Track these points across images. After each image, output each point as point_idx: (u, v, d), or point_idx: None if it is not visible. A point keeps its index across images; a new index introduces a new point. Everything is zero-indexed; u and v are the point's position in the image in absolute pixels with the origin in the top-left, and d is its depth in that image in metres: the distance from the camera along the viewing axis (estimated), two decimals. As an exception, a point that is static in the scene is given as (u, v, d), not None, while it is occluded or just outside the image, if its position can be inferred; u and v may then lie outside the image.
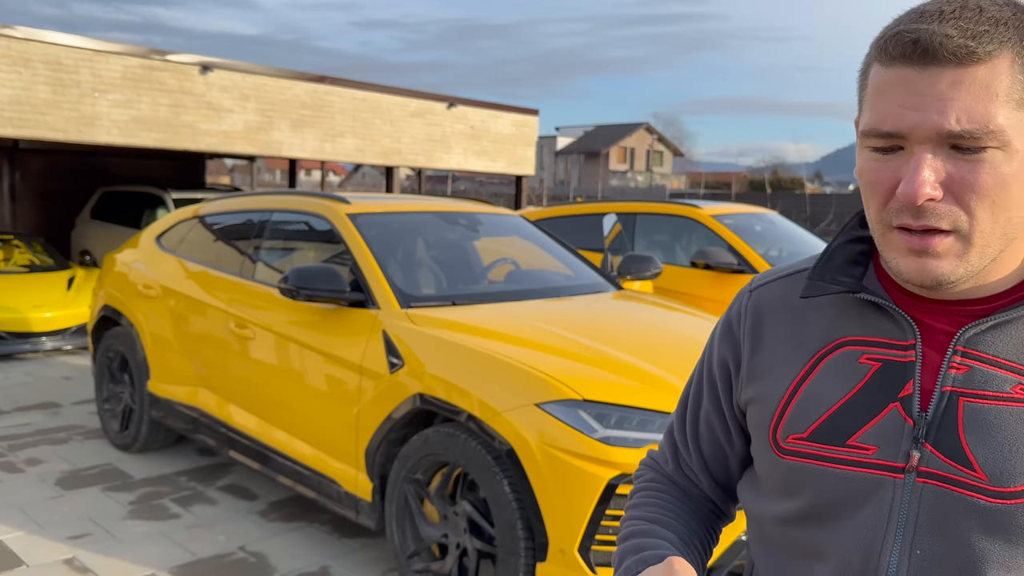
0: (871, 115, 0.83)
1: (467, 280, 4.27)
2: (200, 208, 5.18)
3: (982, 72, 0.78)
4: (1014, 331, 0.85)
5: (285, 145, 11.23)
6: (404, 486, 3.31)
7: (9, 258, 9.10)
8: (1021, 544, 0.82)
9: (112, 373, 5.32)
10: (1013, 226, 0.82)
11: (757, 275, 1.08)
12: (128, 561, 3.65)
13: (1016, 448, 0.82)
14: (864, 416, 0.89)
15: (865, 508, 0.88)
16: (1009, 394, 0.83)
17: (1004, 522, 0.82)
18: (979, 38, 0.78)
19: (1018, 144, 0.79)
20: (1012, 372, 0.84)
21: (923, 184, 0.79)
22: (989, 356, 0.85)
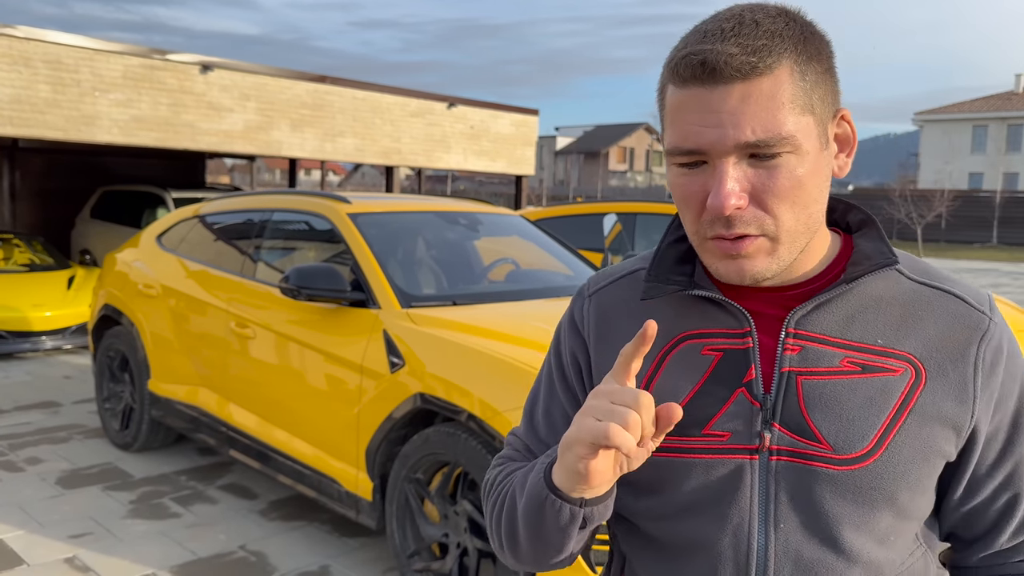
0: (672, 134, 0.89)
1: (467, 280, 4.27)
2: (201, 208, 5.18)
3: (767, 84, 0.84)
4: (834, 309, 0.94)
5: (285, 145, 11.23)
6: (404, 485, 3.31)
7: (9, 257, 9.10)
8: (867, 504, 0.90)
9: (112, 372, 5.32)
10: (814, 219, 0.91)
11: (592, 277, 1.11)
12: (128, 560, 3.65)
13: (853, 416, 0.90)
14: (714, 405, 0.94)
15: (728, 493, 0.92)
16: (839, 367, 0.92)
17: (852, 486, 0.90)
18: (759, 52, 0.84)
19: (807, 146, 0.86)
20: (838, 347, 0.92)
21: (729, 196, 0.85)
22: (817, 335, 0.93)
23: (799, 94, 0.85)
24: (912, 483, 0.91)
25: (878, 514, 0.91)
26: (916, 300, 0.95)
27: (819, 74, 0.88)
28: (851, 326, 0.93)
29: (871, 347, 0.92)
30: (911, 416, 0.91)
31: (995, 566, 1.01)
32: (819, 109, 0.88)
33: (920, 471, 0.91)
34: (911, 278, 0.97)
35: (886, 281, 0.96)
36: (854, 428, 0.90)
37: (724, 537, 0.93)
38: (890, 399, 0.91)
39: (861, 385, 0.91)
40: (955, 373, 0.92)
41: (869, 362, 0.92)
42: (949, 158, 46.55)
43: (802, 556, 0.91)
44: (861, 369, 0.92)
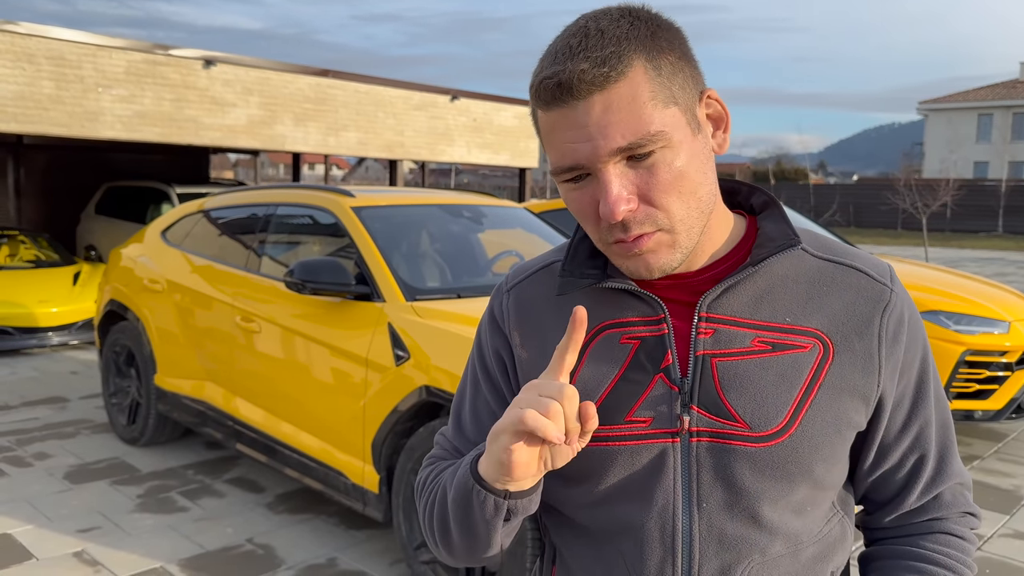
0: (552, 155, 0.91)
1: (472, 273, 4.27)
2: (205, 202, 5.19)
3: (624, 88, 0.86)
4: (742, 291, 0.97)
5: (288, 139, 11.23)
6: (411, 478, 3.32)
7: (15, 254, 9.13)
8: (785, 479, 0.93)
9: (119, 367, 5.34)
10: (705, 202, 0.93)
11: (511, 271, 1.11)
12: (137, 554, 3.67)
13: (765, 394, 0.93)
14: (635, 392, 0.96)
15: (652, 477, 0.95)
16: (750, 347, 0.94)
17: (770, 462, 0.93)
18: (608, 61, 0.85)
19: (678, 136, 0.88)
20: (749, 328, 0.95)
21: (617, 202, 0.87)
22: (727, 317, 0.95)
23: (658, 89, 0.87)
24: (826, 455, 0.94)
25: (795, 487, 0.94)
26: (821, 277, 0.98)
27: (673, 63, 0.89)
28: (760, 306, 0.96)
29: (780, 325, 0.95)
30: (822, 390, 0.94)
31: (905, 526, 1.06)
32: (681, 98, 0.89)
33: (833, 443, 0.94)
34: (815, 255, 1.00)
35: (791, 260, 0.99)
36: (768, 406, 0.93)
37: (650, 520, 0.95)
38: (801, 375, 0.93)
39: (772, 363, 0.94)
40: (861, 345, 0.95)
41: (779, 340, 0.95)
42: (954, 147, 46.36)
43: (725, 534, 0.94)
44: (771, 347, 0.94)
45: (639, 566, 0.96)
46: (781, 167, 57.90)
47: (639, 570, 0.96)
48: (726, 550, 0.94)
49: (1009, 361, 5.16)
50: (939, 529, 1.05)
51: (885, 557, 1.07)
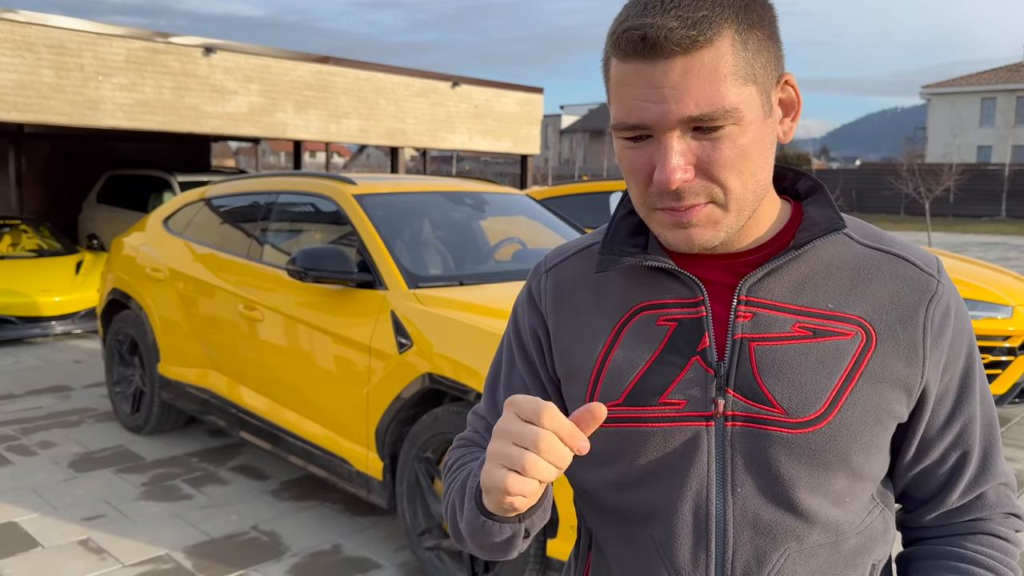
0: (617, 109, 0.89)
1: (474, 260, 4.27)
2: (207, 191, 5.18)
3: (708, 56, 0.83)
4: (784, 276, 0.95)
5: (289, 127, 11.20)
6: (414, 465, 3.33)
7: (17, 243, 9.13)
8: (822, 466, 0.92)
9: (122, 356, 5.35)
10: (761, 186, 0.91)
11: (550, 253, 1.12)
12: (142, 542, 3.69)
13: (804, 380, 0.91)
14: (670, 373, 0.95)
15: (686, 460, 0.93)
16: (790, 333, 0.93)
17: (806, 449, 0.91)
18: (699, 25, 0.82)
19: (750, 116, 0.86)
20: (789, 313, 0.93)
21: (674, 171, 0.85)
22: (768, 301, 0.94)
23: (741, 64, 0.85)
24: (865, 444, 0.93)
25: (833, 476, 0.92)
26: (865, 264, 0.96)
27: (761, 40, 0.87)
28: (802, 291, 0.94)
29: (822, 311, 0.93)
30: (862, 378, 0.92)
31: (946, 525, 1.03)
32: (762, 77, 0.87)
33: (873, 432, 0.93)
34: (860, 242, 0.98)
35: (836, 246, 0.97)
36: (806, 392, 0.91)
37: (684, 504, 0.94)
38: (841, 362, 0.92)
39: (813, 349, 0.92)
40: (905, 335, 0.93)
41: (820, 327, 0.93)
42: (957, 131, 46.20)
43: (760, 519, 0.93)
44: (812, 334, 0.93)
45: (671, 551, 0.95)
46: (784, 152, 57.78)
47: (671, 555, 0.95)
48: (761, 536, 0.93)
49: (1012, 346, 5.16)
50: (981, 530, 1.02)
51: (925, 557, 1.03)
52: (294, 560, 3.54)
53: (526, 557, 2.93)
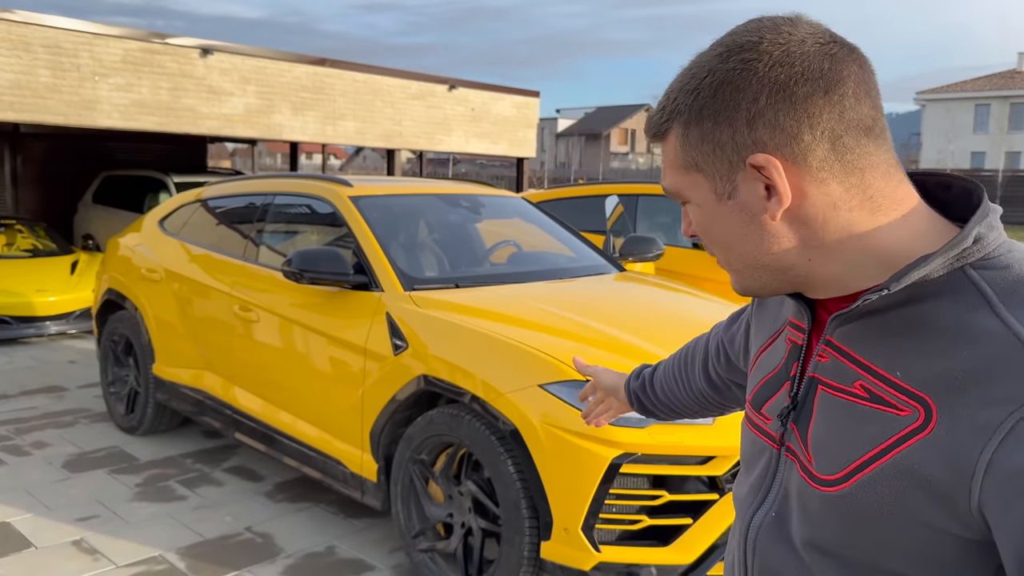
0: None
1: (470, 262, 4.28)
2: (203, 192, 5.19)
3: (666, 144, 0.94)
4: (874, 324, 0.86)
5: (286, 128, 11.20)
6: (409, 466, 3.33)
7: (12, 243, 9.11)
8: (822, 527, 0.88)
9: (117, 356, 5.35)
10: (751, 257, 0.91)
11: None
12: (136, 542, 3.68)
13: (840, 440, 0.87)
14: (773, 389, 1.00)
15: (757, 468, 1.01)
16: (851, 388, 0.87)
17: (816, 504, 0.89)
18: (658, 123, 0.94)
19: (699, 199, 0.92)
20: (858, 367, 0.87)
21: (683, 227, 0.99)
22: (845, 348, 0.89)
23: (681, 154, 0.91)
24: (874, 533, 0.83)
25: (829, 543, 0.88)
26: (974, 335, 0.79)
27: (707, 131, 0.88)
28: (879, 348, 0.85)
29: (888, 377, 0.84)
30: (891, 462, 0.81)
31: None
32: (706, 165, 0.89)
33: (893, 527, 0.82)
34: (993, 306, 0.79)
35: (958, 302, 0.81)
36: (836, 451, 0.87)
37: (743, 506, 1.02)
38: (881, 437, 0.83)
39: (861, 413, 0.85)
40: (965, 437, 0.76)
41: (880, 392, 0.84)
42: (951, 137, 46.34)
43: (773, 550, 0.96)
44: (869, 397, 0.85)
45: (732, 543, 1.05)
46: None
47: (731, 546, 1.06)
48: (775, 568, 0.95)
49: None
50: None
51: None
52: (288, 562, 3.54)
53: (520, 559, 2.93)
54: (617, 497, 2.83)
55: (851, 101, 0.84)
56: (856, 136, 0.84)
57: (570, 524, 2.83)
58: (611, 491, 2.81)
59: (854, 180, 0.85)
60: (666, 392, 1.47)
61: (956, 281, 0.82)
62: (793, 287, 0.92)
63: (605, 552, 2.83)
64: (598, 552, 2.82)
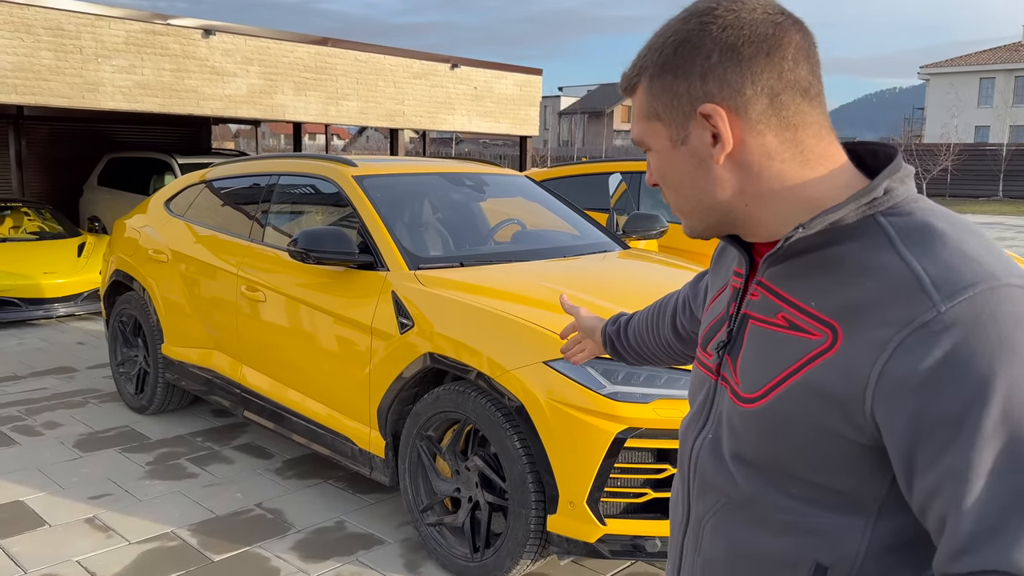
0: None
1: (474, 241, 4.31)
2: (207, 173, 5.21)
3: (635, 98, 1.05)
4: (798, 264, 0.98)
5: (289, 108, 11.20)
6: (416, 443, 3.38)
7: (19, 226, 9.15)
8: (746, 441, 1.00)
9: (126, 337, 5.40)
10: (694, 200, 1.03)
11: None
12: (148, 519, 3.75)
13: (761, 364, 0.99)
14: (716, 329, 1.12)
15: (699, 398, 1.13)
16: (774, 320, 0.99)
17: (741, 421, 1.01)
18: (629, 78, 1.05)
19: (658, 146, 1.03)
20: (781, 302, 0.99)
21: (647, 176, 1.09)
22: (773, 287, 1.01)
23: (646, 105, 1.02)
24: (795, 446, 0.94)
25: (753, 454, 1.00)
26: (876, 269, 0.90)
27: (667, 84, 0.99)
28: (800, 284, 0.97)
29: (804, 307, 0.95)
30: (799, 380, 0.93)
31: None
32: (666, 114, 1.00)
33: (802, 436, 0.92)
34: (894, 242, 0.91)
35: (866, 242, 0.92)
36: (756, 374, 0.99)
37: (686, 434, 1.14)
38: (793, 358, 0.94)
39: (781, 340, 0.97)
40: (863, 355, 0.87)
41: (797, 321, 0.96)
42: (955, 111, 46.04)
43: (707, 467, 1.07)
44: (788, 325, 0.97)
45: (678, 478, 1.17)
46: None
47: (678, 478, 1.16)
48: (707, 482, 1.08)
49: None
50: None
51: None
52: (299, 537, 3.60)
53: (527, 532, 2.98)
54: (622, 471, 2.88)
55: (790, 64, 0.95)
56: (792, 95, 0.95)
57: (576, 498, 2.88)
58: (616, 465, 2.86)
59: (788, 135, 0.96)
60: (637, 339, 1.60)
61: (867, 226, 0.93)
62: (733, 228, 1.04)
63: (610, 525, 2.88)
64: (603, 525, 2.87)
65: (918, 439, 0.84)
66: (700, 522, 1.09)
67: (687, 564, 1.12)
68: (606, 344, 1.66)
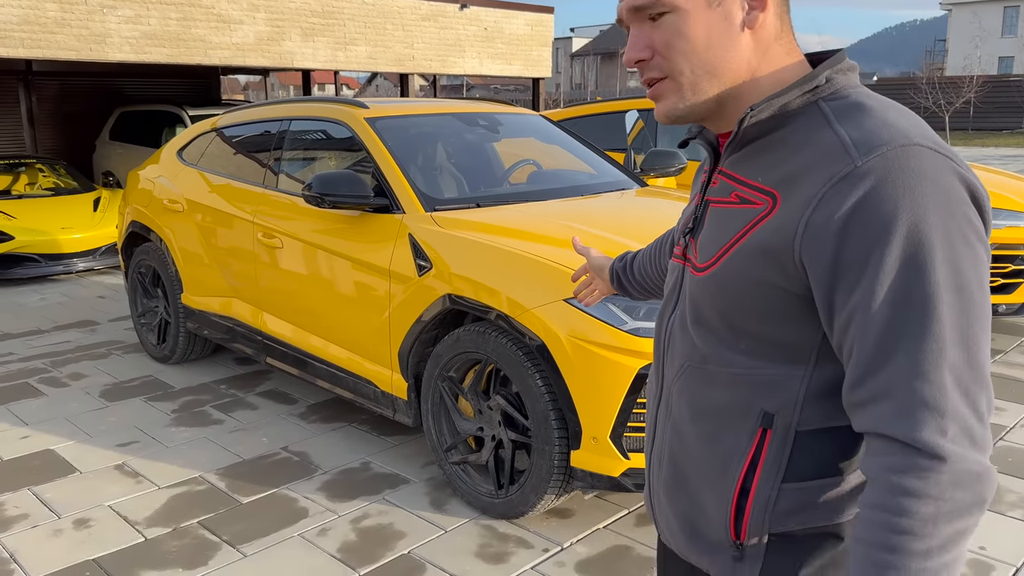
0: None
1: (490, 182, 4.26)
2: (218, 120, 5.16)
3: None
4: (744, 155, 1.10)
5: (297, 55, 11.06)
6: (438, 384, 3.39)
7: (34, 182, 9.17)
8: (702, 305, 1.13)
9: (145, 288, 5.42)
10: (712, 66, 1.07)
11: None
12: (176, 465, 3.80)
13: (712, 237, 1.11)
14: (686, 224, 1.21)
15: (669, 285, 1.25)
16: (728, 199, 1.11)
17: (697, 289, 1.13)
18: None
19: (687, 6, 1.05)
20: (735, 182, 1.10)
21: (630, 51, 1.10)
22: (730, 172, 1.12)
23: None
24: (742, 304, 1.06)
25: (710, 316, 1.12)
26: (810, 141, 1.02)
27: None
28: (750, 165, 1.09)
29: (751, 183, 1.07)
30: (743, 244, 1.05)
31: (851, 418, 1.00)
32: None
33: (747, 293, 1.05)
34: (830, 121, 1.02)
35: (809, 125, 1.04)
36: (711, 245, 1.11)
37: (664, 316, 1.25)
38: (741, 226, 1.06)
39: (732, 213, 1.09)
40: (793, 211, 1.00)
41: (746, 195, 1.08)
42: (979, 42, 44.93)
43: (675, 337, 1.20)
44: (739, 201, 1.09)
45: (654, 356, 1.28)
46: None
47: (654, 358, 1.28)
48: (675, 349, 1.20)
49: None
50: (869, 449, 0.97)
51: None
52: (325, 478, 3.65)
53: (550, 468, 3.00)
54: (644, 406, 2.87)
55: None
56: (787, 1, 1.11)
57: (599, 433, 2.88)
58: (638, 400, 2.85)
59: (784, 26, 1.09)
60: (642, 273, 1.67)
61: (810, 110, 1.05)
62: (711, 114, 1.11)
63: (634, 459, 2.89)
64: (627, 459, 2.88)
65: (835, 281, 0.96)
66: (669, 389, 1.21)
67: (659, 430, 1.24)
68: (613, 281, 1.72)
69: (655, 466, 1.25)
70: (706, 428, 1.13)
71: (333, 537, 3.16)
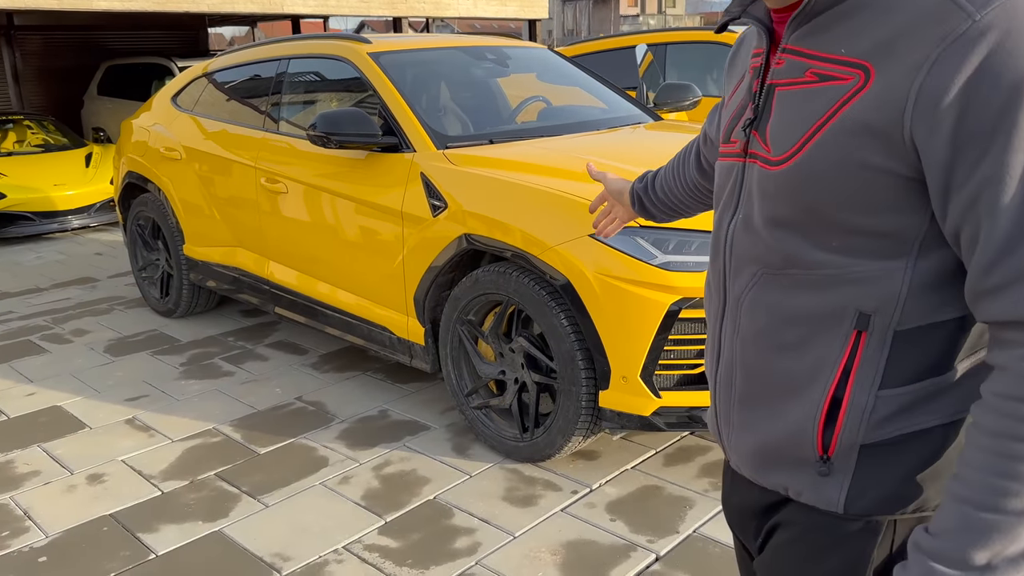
0: None
1: (501, 117, 4.10)
2: (213, 63, 4.97)
3: None
4: (820, 23, 0.96)
5: (287, 1, 10.75)
6: (457, 328, 3.28)
7: (23, 139, 8.94)
8: (783, 203, 0.99)
9: (145, 241, 5.27)
10: None
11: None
12: (188, 417, 3.70)
13: (791, 123, 0.97)
14: (739, 115, 1.08)
15: (727, 189, 1.10)
16: (802, 78, 0.97)
17: (772, 184, 1.00)
18: None
19: None
20: (808, 59, 0.97)
21: None
22: (799, 48, 0.98)
23: None
24: (834, 192, 0.93)
25: (792, 213, 0.98)
26: (899, 4, 0.89)
27: None
28: (825, 37, 0.95)
29: (833, 56, 0.94)
30: (833, 125, 0.92)
31: (976, 308, 0.89)
32: None
33: (841, 181, 0.92)
34: None
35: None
36: (787, 133, 0.97)
37: (723, 222, 1.11)
38: (828, 105, 0.93)
39: (811, 94, 0.95)
40: (898, 79, 0.87)
41: (827, 71, 0.94)
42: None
43: (742, 242, 1.06)
44: (819, 79, 0.95)
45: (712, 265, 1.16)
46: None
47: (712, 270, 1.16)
48: (742, 255, 1.06)
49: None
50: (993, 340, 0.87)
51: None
52: (343, 426, 3.55)
53: (578, 409, 2.90)
54: (676, 343, 2.77)
55: None
56: None
57: (629, 372, 2.78)
58: (670, 337, 2.75)
59: None
60: (665, 190, 1.55)
61: None
62: None
63: (665, 397, 2.79)
64: (658, 398, 2.78)
65: (955, 155, 0.84)
66: (738, 301, 1.08)
67: (726, 348, 1.11)
68: (634, 204, 1.59)
69: (723, 387, 1.13)
70: (788, 338, 1.02)
71: (356, 484, 3.07)
